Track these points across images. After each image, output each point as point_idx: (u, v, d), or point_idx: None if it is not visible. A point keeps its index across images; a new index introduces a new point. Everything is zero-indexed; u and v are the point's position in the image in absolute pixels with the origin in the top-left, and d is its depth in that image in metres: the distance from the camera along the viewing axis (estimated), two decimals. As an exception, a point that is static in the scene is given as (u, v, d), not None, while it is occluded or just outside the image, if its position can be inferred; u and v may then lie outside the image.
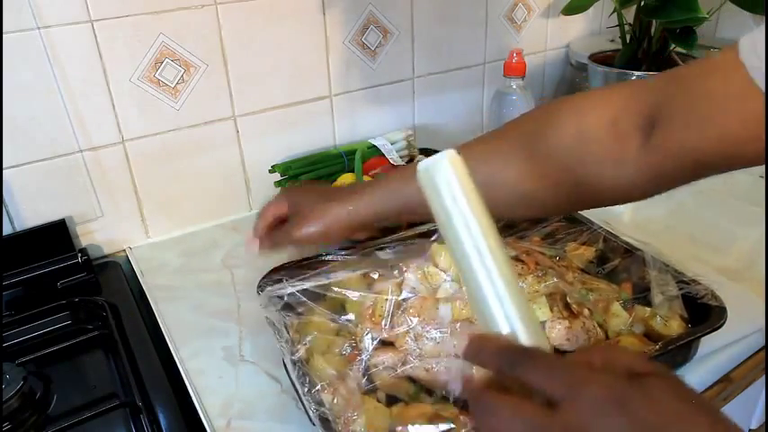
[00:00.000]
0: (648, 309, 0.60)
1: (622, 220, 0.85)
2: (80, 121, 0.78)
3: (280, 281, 0.62)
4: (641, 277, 0.64)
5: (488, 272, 0.33)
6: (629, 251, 0.67)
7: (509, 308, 0.33)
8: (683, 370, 0.61)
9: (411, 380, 0.55)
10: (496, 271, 0.33)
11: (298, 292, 0.61)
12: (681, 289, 0.60)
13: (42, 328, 0.71)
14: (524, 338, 0.33)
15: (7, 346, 0.68)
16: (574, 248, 0.69)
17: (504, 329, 0.33)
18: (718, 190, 0.99)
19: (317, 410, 0.49)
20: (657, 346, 0.54)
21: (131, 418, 0.58)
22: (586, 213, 0.74)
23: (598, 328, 0.58)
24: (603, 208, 0.53)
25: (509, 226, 0.72)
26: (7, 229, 0.78)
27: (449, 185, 0.34)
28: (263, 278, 0.64)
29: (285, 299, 0.61)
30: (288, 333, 0.57)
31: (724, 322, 0.57)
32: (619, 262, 0.67)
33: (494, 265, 0.33)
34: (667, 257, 0.65)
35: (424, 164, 0.34)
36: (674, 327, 0.59)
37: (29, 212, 0.79)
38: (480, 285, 0.33)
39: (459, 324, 0.55)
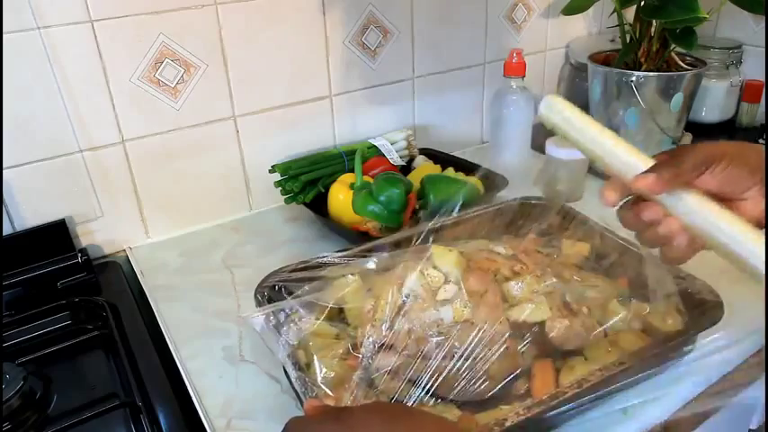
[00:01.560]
0: (646, 305, 0.60)
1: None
2: (80, 121, 0.78)
3: (278, 285, 0.62)
4: (638, 273, 0.64)
5: (617, 156, 0.49)
6: (626, 247, 0.67)
7: (633, 161, 0.48)
8: (683, 366, 0.61)
9: (412, 382, 0.55)
10: (622, 153, 0.49)
11: (297, 294, 0.60)
12: (678, 285, 0.60)
13: (42, 328, 0.71)
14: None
15: (7, 346, 0.68)
16: (570, 245, 0.69)
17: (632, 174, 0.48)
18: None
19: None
20: (656, 342, 0.54)
21: (131, 418, 0.58)
22: (583, 210, 0.74)
23: (597, 326, 0.58)
24: (601, 205, 0.53)
25: (507, 224, 0.72)
26: (7, 229, 0.78)
27: (567, 119, 0.50)
28: (262, 282, 0.64)
29: (284, 302, 0.60)
30: (288, 336, 0.57)
31: (721, 316, 0.57)
32: (615, 258, 0.67)
33: (619, 149, 0.49)
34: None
35: (541, 108, 0.51)
36: (673, 323, 0.59)
37: (29, 212, 0.79)
38: (613, 165, 0.49)
39: (459, 326, 0.55)
